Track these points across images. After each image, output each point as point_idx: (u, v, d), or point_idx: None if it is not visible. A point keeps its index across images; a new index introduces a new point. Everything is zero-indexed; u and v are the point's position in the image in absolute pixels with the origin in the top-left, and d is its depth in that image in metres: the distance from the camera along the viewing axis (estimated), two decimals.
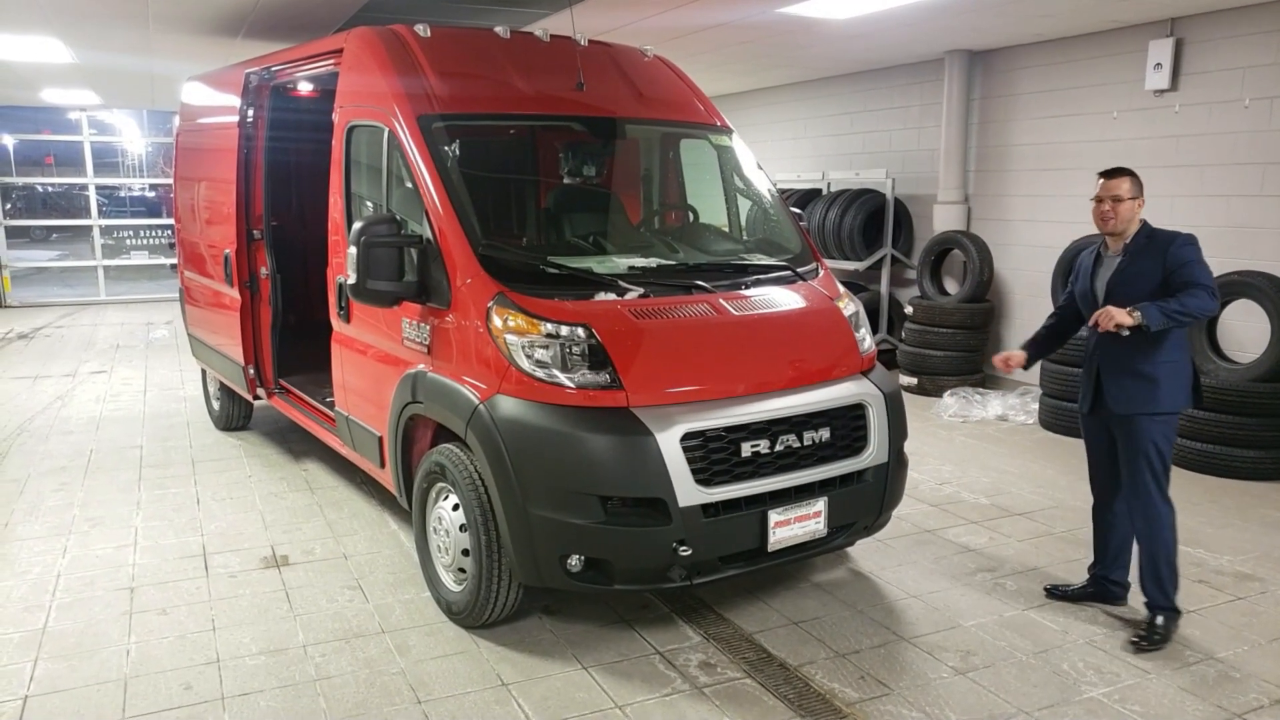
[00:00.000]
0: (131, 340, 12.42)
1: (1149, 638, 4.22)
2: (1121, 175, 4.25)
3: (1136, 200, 4.23)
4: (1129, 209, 4.22)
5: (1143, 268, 4.20)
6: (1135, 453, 4.24)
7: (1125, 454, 4.30)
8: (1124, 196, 4.20)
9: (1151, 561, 4.28)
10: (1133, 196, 4.21)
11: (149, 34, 8.63)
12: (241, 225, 6.54)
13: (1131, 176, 4.25)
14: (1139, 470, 4.25)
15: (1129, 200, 4.21)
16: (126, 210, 25.28)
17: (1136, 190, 4.24)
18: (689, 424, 3.87)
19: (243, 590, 4.77)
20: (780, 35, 8.52)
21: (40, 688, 3.85)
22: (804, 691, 3.85)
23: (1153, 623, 4.27)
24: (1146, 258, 4.20)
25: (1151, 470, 4.23)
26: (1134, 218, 4.25)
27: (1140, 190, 4.26)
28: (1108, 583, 4.60)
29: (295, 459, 6.98)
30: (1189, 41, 7.48)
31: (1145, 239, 4.24)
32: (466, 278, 4.16)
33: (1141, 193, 4.26)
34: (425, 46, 4.79)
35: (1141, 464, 4.23)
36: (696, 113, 5.46)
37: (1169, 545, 4.27)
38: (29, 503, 6.06)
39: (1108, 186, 4.24)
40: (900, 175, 10.34)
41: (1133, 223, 4.26)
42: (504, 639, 4.26)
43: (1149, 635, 4.23)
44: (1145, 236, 4.25)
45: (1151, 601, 4.31)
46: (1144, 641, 4.21)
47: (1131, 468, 4.28)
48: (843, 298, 4.80)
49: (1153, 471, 4.23)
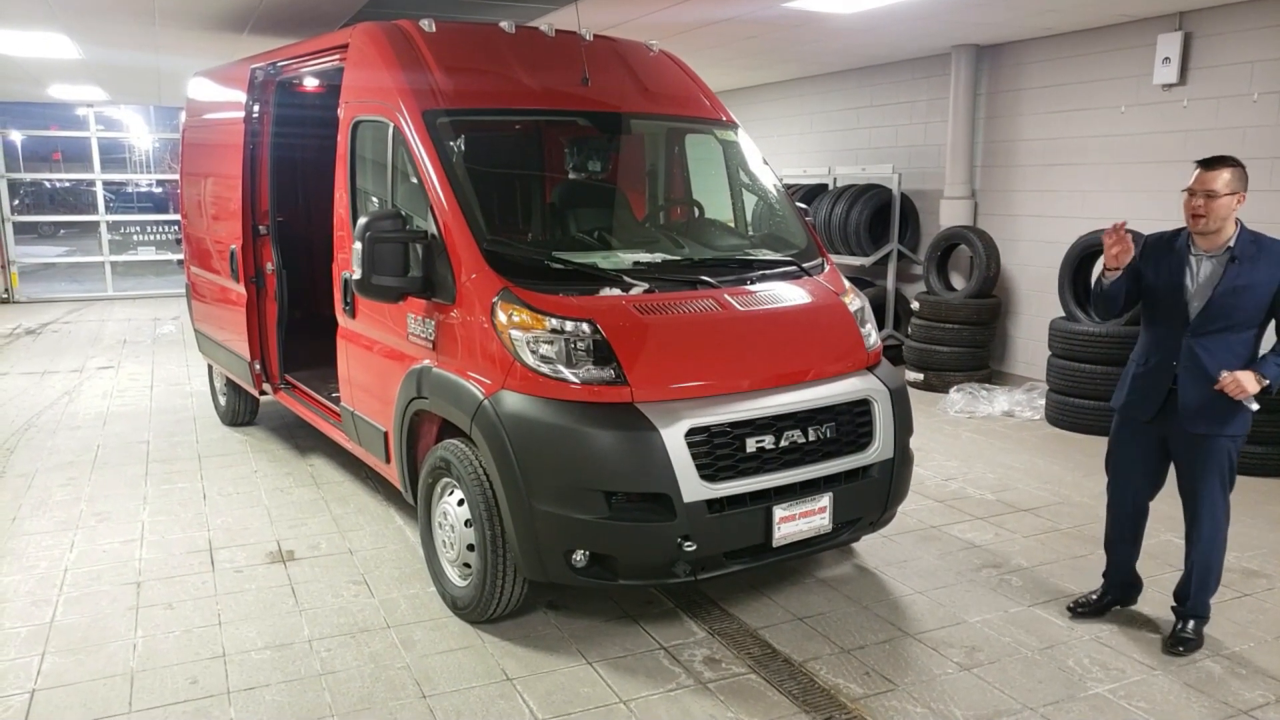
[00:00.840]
0: (138, 336, 12.46)
1: (1186, 641, 4.13)
2: (1221, 166, 3.78)
3: (1236, 195, 3.79)
4: (1225, 206, 3.78)
5: (1255, 280, 3.82)
6: (1209, 471, 4.03)
7: (1196, 471, 4.06)
8: (1220, 192, 3.76)
9: (1206, 573, 4.14)
10: (1231, 192, 3.77)
11: (155, 29, 8.64)
12: (247, 221, 6.54)
13: (1234, 168, 3.79)
14: (1212, 488, 4.05)
15: (1226, 196, 3.77)
16: (133, 206, 25.34)
17: (1238, 184, 3.79)
18: (694, 419, 3.87)
19: (248, 585, 4.79)
20: (786, 30, 8.50)
21: (47, 681, 3.87)
22: (808, 687, 3.85)
23: (1185, 629, 4.17)
24: (1260, 268, 3.82)
25: (1224, 490, 4.07)
26: (1230, 217, 3.84)
27: (1242, 184, 3.81)
28: (1125, 586, 4.47)
29: (301, 454, 7.00)
30: (1198, 35, 7.43)
31: (1253, 245, 3.86)
32: (471, 273, 4.16)
33: (1244, 187, 3.82)
34: (430, 41, 4.79)
35: (1215, 482, 4.04)
36: (702, 108, 5.45)
37: (1223, 554, 4.16)
38: (36, 497, 6.09)
39: (1203, 179, 3.80)
40: (907, 170, 10.31)
41: (1229, 222, 3.85)
42: (509, 634, 4.26)
43: (1185, 640, 4.14)
44: (1252, 242, 3.87)
45: (1194, 611, 4.19)
46: (1180, 646, 4.12)
47: (1204, 484, 4.06)
48: (848, 293, 4.79)
49: (1224, 491, 4.08)
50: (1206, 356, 3.91)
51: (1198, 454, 4.03)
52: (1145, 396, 4.12)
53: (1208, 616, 4.23)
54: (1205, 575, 4.15)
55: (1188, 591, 4.18)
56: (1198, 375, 3.94)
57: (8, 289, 15.72)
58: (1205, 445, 4.01)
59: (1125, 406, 4.23)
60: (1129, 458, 4.28)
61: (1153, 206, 7.93)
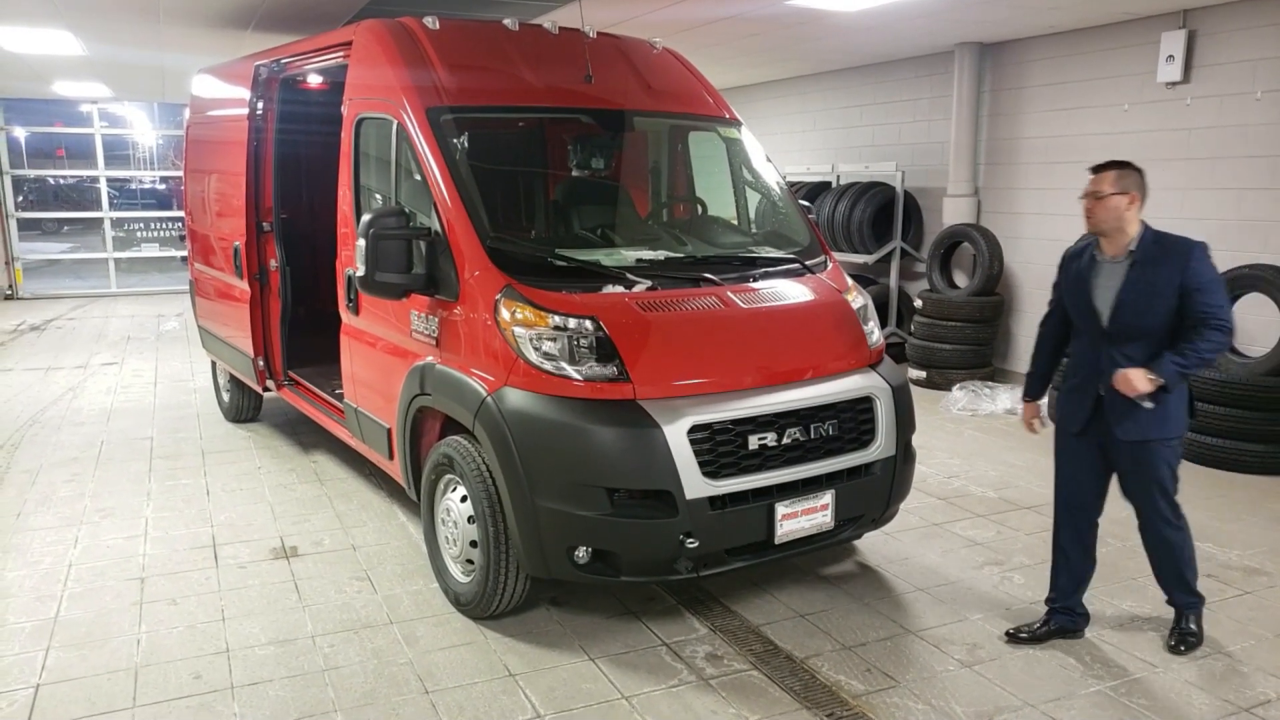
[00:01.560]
0: (142, 332, 12.48)
1: (1185, 639, 4.10)
2: (1106, 169, 3.83)
3: (1125, 196, 3.77)
4: (1113, 207, 3.79)
5: (1156, 279, 3.78)
6: (1148, 481, 3.96)
7: (1135, 483, 4.01)
8: (1105, 191, 3.79)
9: (1178, 574, 4.10)
10: (1119, 191, 3.77)
11: (159, 26, 8.66)
12: (251, 218, 6.56)
13: (1120, 170, 3.82)
14: (1154, 499, 3.98)
15: (1112, 195, 3.78)
16: (137, 203, 25.37)
17: (1125, 185, 3.78)
18: (696, 416, 3.88)
19: (252, 581, 4.80)
20: (790, 27, 8.49)
21: (52, 676, 3.89)
22: (810, 684, 3.86)
23: (1185, 623, 4.14)
24: (1161, 267, 3.78)
25: (1166, 497, 3.98)
26: (1121, 216, 3.81)
27: (1132, 186, 3.80)
28: (1072, 615, 4.25)
29: (304, 451, 7.01)
30: (1201, 34, 7.42)
31: (1154, 244, 3.82)
32: (474, 270, 4.17)
33: (1135, 188, 3.80)
34: (434, 39, 4.79)
35: (1155, 492, 3.97)
36: (705, 105, 5.46)
37: (1190, 555, 4.10)
38: (41, 493, 6.11)
39: (1091, 181, 3.86)
40: (910, 168, 10.30)
41: (1127, 222, 3.83)
42: (511, 630, 4.28)
43: (1184, 636, 4.11)
44: (1153, 242, 3.83)
45: (1179, 603, 4.17)
46: (1181, 645, 4.08)
47: (1145, 496, 4.00)
48: (851, 290, 4.80)
49: (1167, 498, 3.98)
50: (1124, 363, 3.83)
51: (1134, 462, 3.96)
52: (1074, 409, 4.08)
53: (1199, 602, 4.18)
54: (1175, 572, 4.11)
55: (1170, 587, 4.18)
56: (1106, 383, 3.90)
57: (12, 285, 15.76)
58: (1140, 452, 3.92)
59: (1058, 420, 4.19)
60: (1070, 475, 4.19)
61: (1155, 205, 7.91)
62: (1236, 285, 6.92)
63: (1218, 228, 7.49)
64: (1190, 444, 6.83)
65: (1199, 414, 6.64)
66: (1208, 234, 7.46)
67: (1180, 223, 7.64)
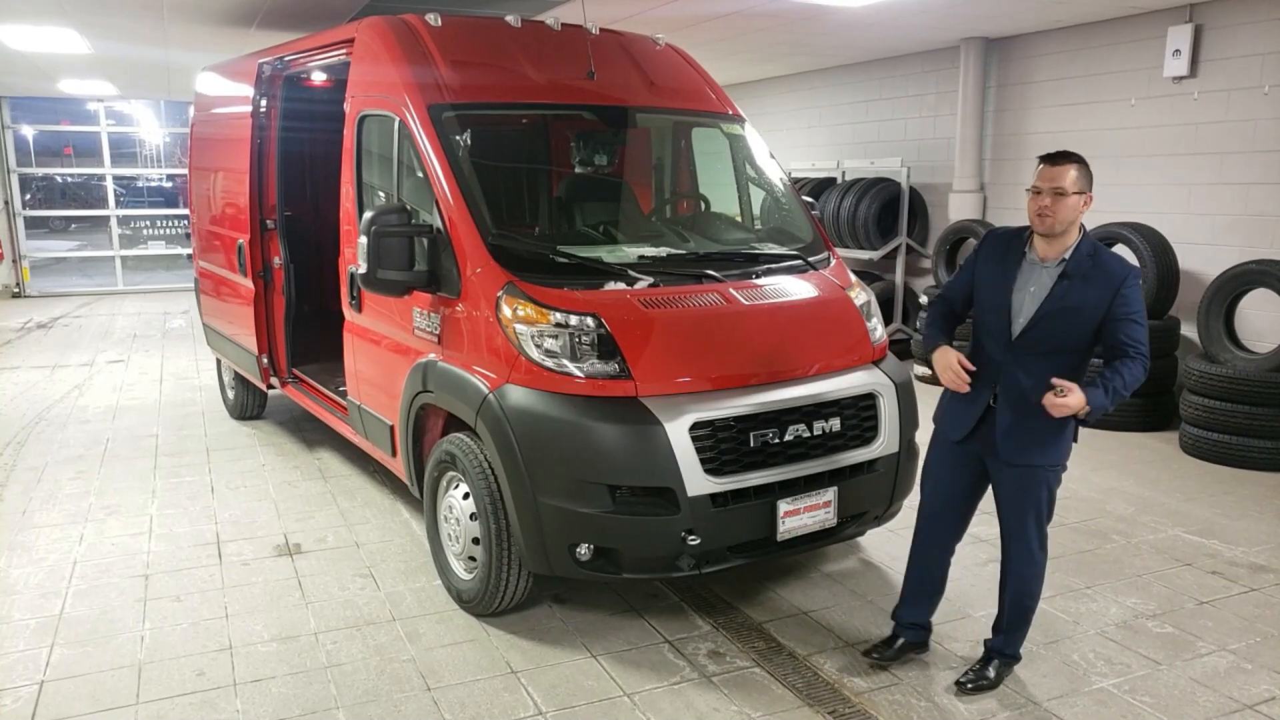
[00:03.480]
0: (148, 330, 12.52)
1: (978, 681, 3.76)
2: (1067, 162, 3.38)
3: (1084, 196, 3.39)
4: (1073, 207, 3.38)
5: (1084, 299, 3.41)
6: (1025, 504, 3.63)
7: (1010, 504, 3.67)
8: (1068, 190, 3.36)
9: (1020, 613, 3.78)
10: (1079, 191, 3.37)
11: (164, 24, 8.67)
12: (255, 215, 6.57)
13: (1080, 165, 3.40)
14: (1026, 523, 3.66)
15: (1074, 195, 3.37)
16: (144, 200, 25.42)
17: (1085, 184, 3.39)
18: (698, 413, 3.87)
19: (255, 578, 4.81)
20: (794, 23, 8.47)
21: (56, 673, 3.90)
22: (813, 681, 3.85)
23: (986, 666, 3.81)
24: (1092, 287, 3.40)
25: (1039, 523, 3.67)
26: (1076, 220, 3.42)
27: (1089, 185, 3.42)
28: (917, 628, 4.02)
29: (308, 448, 7.03)
30: (1208, 28, 7.39)
31: (1088, 259, 3.43)
32: (476, 267, 4.17)
33: (1090, 188, 3.42)
34: (436, 36, 4.79)
35: (1030, 517, 3.65)
36: (708, 101, 5.44)
37: (1036, 596, 3.78)
38: (46, 490, 6.13)
39: (1050, 174, 3.38)
40: (915, 164, 10.28)
41: (1075, 227, 3.45)
42: (514, 627, 4.28)
43: (978, 679, 3.77)
44: (1088, 255, 3.44)
45: (998, 649, 3.83)
46: (970, 684, 3.76)
47: (1017, 521, 3.67)
48: (854, 287, 4.78)
49: (1039, 524, 3.68)
50: (1026, 379, 3.48)
51: (1014, 484, 3.64)
52: (958, 415, 3.70)
53: (1016, 658, 3.86)
54: (1019, 614, 3.79)
55: (1001, 627, 3.83)
56: (1015, 399, 3.53)
57: (19, 283, 15.81)
58: (1023, 476, 3.61)
59: (937, 424, 3.84)
60: (940, 485, 3.86)
61: (1162, 200, 7.89)
62: (1243, 281, 6.90)
63: (1224, 223, 7.46)
64: (1197, 440, 6.81)
65: (1205, 410, 6.72)
66: (1215, 229, 7.52)
67: (1186, 218, 7.68)
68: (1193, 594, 4.65)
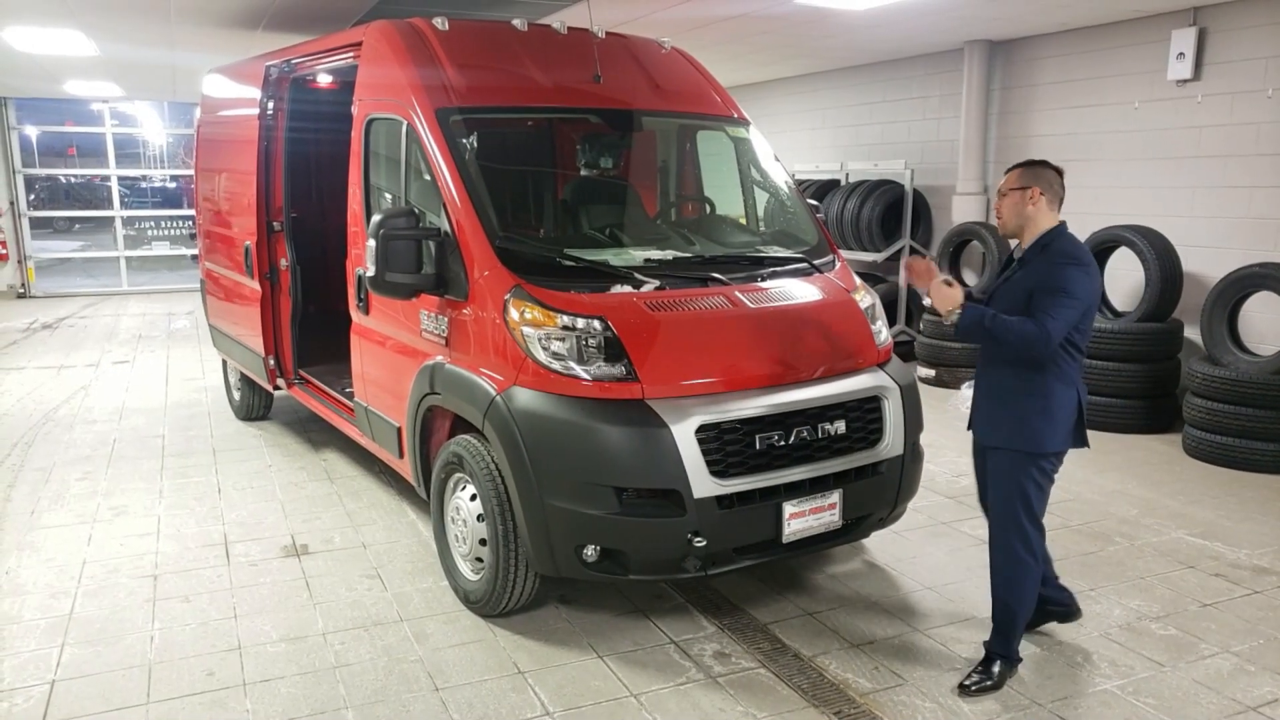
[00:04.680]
0: (153, 331, 12.55)
1: (980, 682, 3.78)
2: (1014, 168, 3.76)
3: (1025, 191, 3.64)
4: (1011, 205, 3.69)
5: (1024, 277, 3.66)
6: (1001, 492, 3.75)
7: (993, 488, 3.81)
8: (1004, 190, 3.73)
9: (1002, 611, 3.81)
10: (1019, 187, 3.67)
11: (170, 26, 8.71)
12: (262, 217, 6.59)
13: (1026, 167, 3.72)
14: (1005, 515, 3.74)
15: (1012, 191, 3.68)
16: (148, 201, 25.48)
17: (1028, 180, 3.66)
18: (704, 416, 3.89)
19: (263, 578, 4.84)
20: (798, 25, 8.49)
21: (67, 672, 3.93)
22: (818, 682, 3.87)
23: (988, 665, 3.82)
24: (1032, 270, 3.64)
25: (1015, 515, 3.70)
26: (1022, 214, 3.67)
27: (1036, 180, 3.65)
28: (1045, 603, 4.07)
29: (315, 449, 7.05)
30: (1212, 31, 7.40)
31: (1040, 248, 3.67)
32: (484, 270, 4.19)
33: (1036, 183, 3.65)
34: (443, 39, 4.82)
35: (1006, 505, 3.73)
36: (713, 104, 5.46)
37: (1026, 600, 3.79)
38: (54, 491, 6.16)
39: (1001, 182, 3.79)
40: (919, 166, 10.30)
41: (1030, 222, 3.68)
42: (520, 628, 4.30)
43: (980, 679, 3.79)
44: (1043, 244, 3.67)
45: (994, 648, 3.85)
46: (973, 685, 3.77)
47: (998, 509, 3.79)
48: (859, 289, 4.80)
49: (1016, 517, 3.70)
50: (987, 363, 3.80)
51: (994, 470, 3.78)
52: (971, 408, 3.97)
53: (1011, 658, 3.85)
54: (1001, 613, 3.82)
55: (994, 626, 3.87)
56: (982, 380, 3.84)
57: (24, 284, 15.86)
58: (996, 461, 3.76)
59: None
60: (976, 474, 4.07)
61: (1165, 203, 7.91)
62: (1246, 284, 6.91)
63: (1228, 226, 7.47)
64: (1200, 443, 6.82)
65: (1208, 412, 6.72)
66: (1218, 232, 7.54)
67: (1190, 221, 7.69)
68: (1196, 596, 4.67)
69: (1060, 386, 3.64)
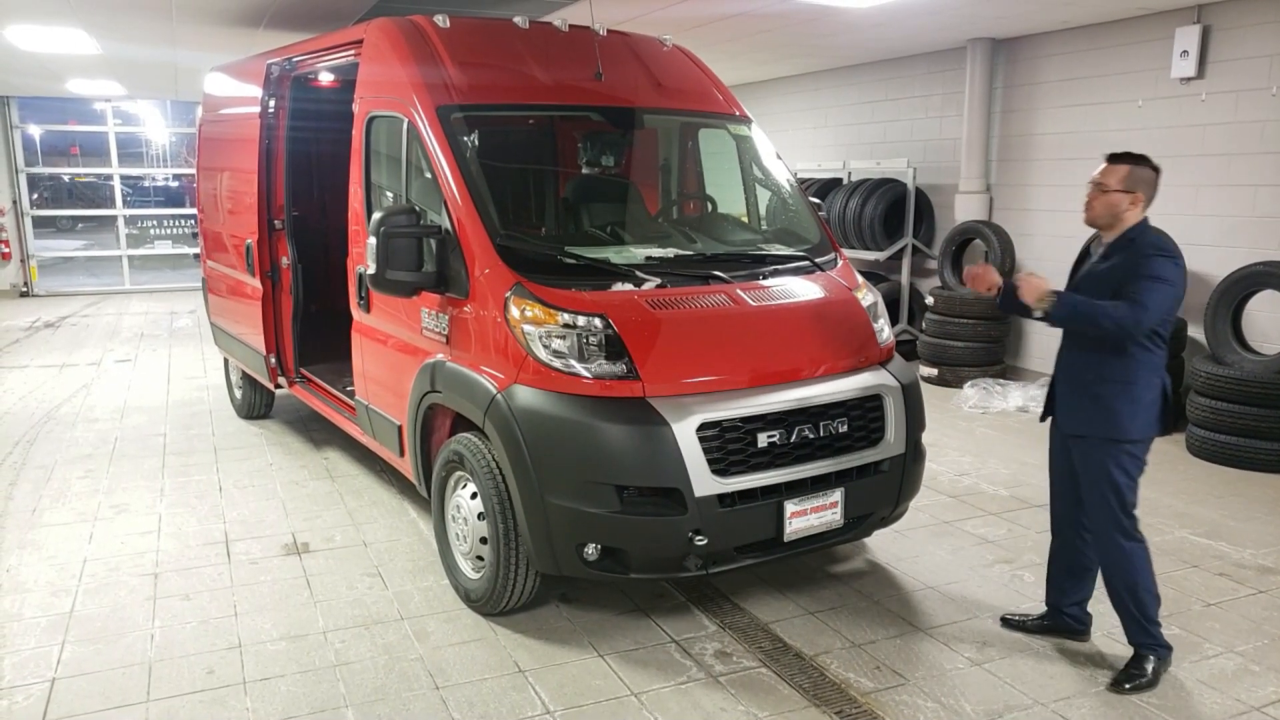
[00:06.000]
0: (155, 329, 12.56)
1: (1130, 678, 3.78)
2: (1120, 163, 3.71)
3: (1129, 195, 3.65)
4: (1111, 204, 3.68)
5: (1110, 269, 3.70)
6: (1090, 480, 3.79)
7: (1082, 479, 3.84)
8: (1110, 187, 3.68)
9: (1125, 600, 3.81)
10: (1124, 190, 3.66)
11: (172, 25, 8.70)
12: (263, 215, 6.59)
13: (1134, 166, 3.68)
14: (1095, 502, 3.78)
15: (1116, 193, 3.67)
16: (150, 200, 25.49)
17: (1135, 185, 3.66)
18: (705, 414, 3.88)
19: (264, 577, 4.83)
20: (801, 24, 8.48)
21: (67, 670, 3.92)
22: (819, 681, 3.86)
23: (1139, 664, 3.81)
24: (1120, 260, 3.68)
25: (1108, 505, 3.74)
26: (1118, 214, 3.69)
27: (1139, 185, 3.66)
28: (1064, 615, 4.16)
29: (316, 447, 7.05)
30: (1216, 29, 7.38)
31: (1127, 240, 3.70)
32: (484, 268, 4.18)
33: (1140, 188, 3.66)
34: (444, 37, 4.81)
35: (1097, 495, 3.77)
36: (715, 102, 5.45)
37: (1143, 582, 3.78)
38: (56, 489, 6.16)
39: (1101, 171, 3.73)
40: (922, 165, 10.27)
41: (1121, 221, 3.71)
42: (521, 626, 4.29)
43: (1129, 675, 3.79)
44: (1128, 238, 3.70)
45: (1135, 642, 3.86)
46: (1125, 683, 3.76)
47: (1089, 497, 3.82)
48: (861, 288, 4.79)
49: (1109, 507, 3.73)
50: (1072, 352, 3.84)
51: (1081, 460, 3.82)
52: (1048, 397, 4.03)
53: (1158, 650, 3.83)
54: (1124, 607, 3.82)
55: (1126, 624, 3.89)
56: (1066, 370, 3.87)
57: (27, 282, 15.88)
58: (1082, 450, 3.80)
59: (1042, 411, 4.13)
60: (1050, 468, 4.10)
61: (1169, 201, 7.85)
62: (1250, 283, 6.89)
63: (1232, 224, 7.44)
64: (1204, 442, 6.80)
65: (1212, 411, 6.70)
66: (1222, 231, 7.51)
67: (1194, 219, 7.66)
68: (1200, 596, 4.65)
69: (1145, 373, 3.69)
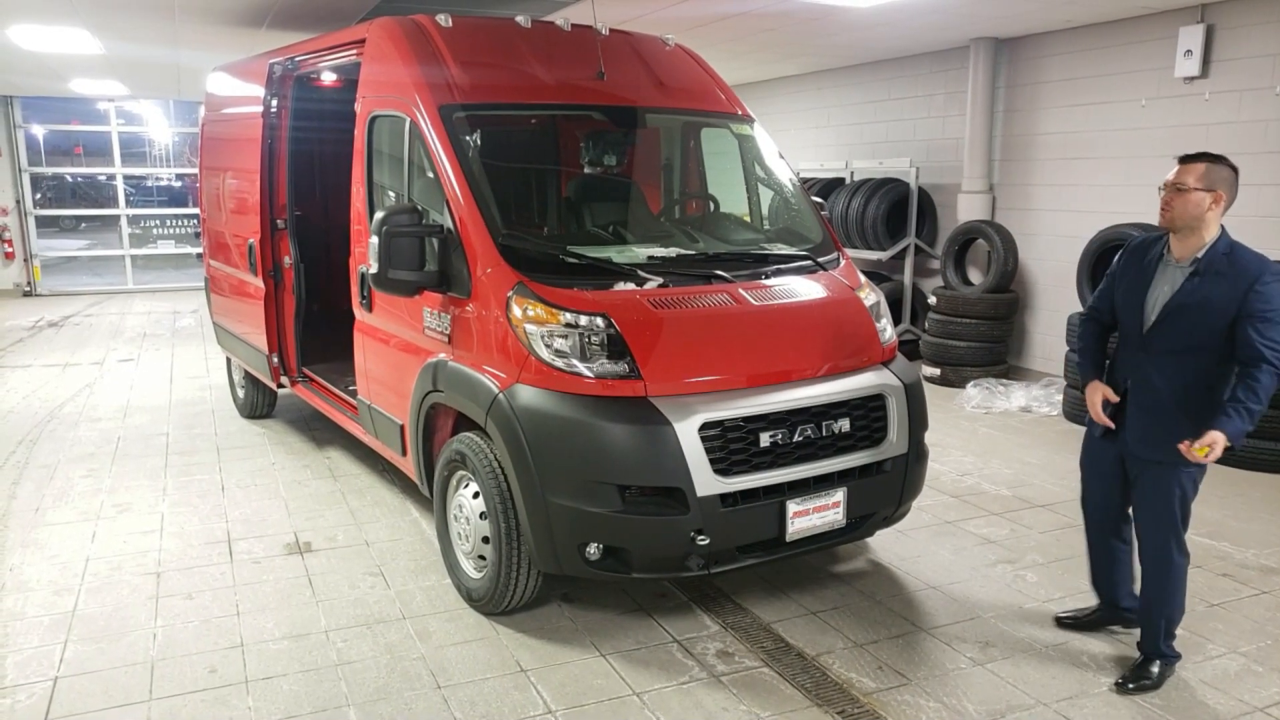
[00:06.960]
0: (158, 329, 12.57)
1: (1135, 679, 3.80)
2: (1196, 161, 3.52)
3: (1212, 194, 3.47)
4: (1195, 203, 3.48)
5: (1214, 295, 3.48)
6: (1156, 503, 3.72)
7: (1144, 500, 3.78)
8: (1190, 185, 3.48)
9: (1157, 614, 3.81)
10: (1205, 188, 3.46)
11: (175, 24, 8.71)
12: (265, 215, 6.59)
13: (1214, 164, 3.50)
14: (1158, 523, 3.74)
15: (1197, 191, 3.47)
16: (153, 200, 25.50)
17: (1215, 182, 3.48)
18: (707, 414, 3.88)
19: (266, 576, 4.83)
20: (803, 23, 8.47)
21: (70, 669, 3.93)
22: (821, 681, 3.86)
23: (1146, 667, 3.84)
24: (1223, 283, 3.47)
25: (1172, 523, 3.71)
26: (1201, 216, 3.50)
27: (1224, 185, 3.49)
28: (1120, 610, 4.18)
29: (318, 447, 7.05)
30: (1220, 28, 7.36)
31: (1224, 256, 3.51)
32: (487, 267, 4.18)
33: (1220, 186, 3.49)
34: (446, 36, 4.81)
35: (1163, 516, 3.72)
36: (718, 102, 5.45)
37: (1179, 598, 3.82)
38: (59, 488, 6.16)
39: (1177, 172, 3.53)
40: (924, 164, 10.26)
41: (1203, 225, 3.52)
42: (523, 626, 4.29)
43: (1135, 676, 3.81)
44: (1224, 254, 3.51)
45: (1149, 650, 3.87)
46: (1130, 683, 3.78)
47: (1150, 517, 3.77)
48: (863, 287, 4.78)
49: (1173, 524, 3.71)
50: (1158, 377, 3.64)
51: (1145, 482, 3.76)
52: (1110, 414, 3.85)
53: (1168, 658, 3.85)
54: (1155, 617, 3.82)
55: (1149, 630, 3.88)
56: (1146, 395, 3.69)
57: (30, 282, 15.90)
58: (1153, 474, 3.72)
59: (1087, 421, 4.01)
60: (1093, 478, 4.05)
61: None
62: None
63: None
64: None
65: None
66: None
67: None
68: (1203, 596, 4.64)
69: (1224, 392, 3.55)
